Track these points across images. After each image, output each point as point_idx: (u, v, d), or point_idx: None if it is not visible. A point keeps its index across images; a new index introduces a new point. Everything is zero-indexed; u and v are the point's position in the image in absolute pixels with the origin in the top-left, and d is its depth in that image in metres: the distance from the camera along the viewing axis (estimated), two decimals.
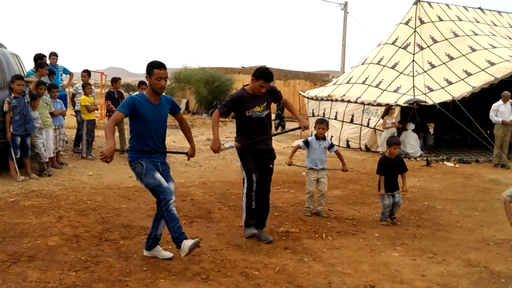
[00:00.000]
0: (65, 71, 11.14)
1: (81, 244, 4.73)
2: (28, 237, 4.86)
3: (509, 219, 5.04)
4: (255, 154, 4.88)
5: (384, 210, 5.89)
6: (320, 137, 6.11)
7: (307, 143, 6.18)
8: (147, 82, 4.18)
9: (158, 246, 4.38)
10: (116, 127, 10.45)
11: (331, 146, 6.27)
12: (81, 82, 10.51)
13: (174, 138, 13.50)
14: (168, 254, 4.37)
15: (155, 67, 4.03)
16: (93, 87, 10.85)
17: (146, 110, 4.05)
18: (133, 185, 7.48)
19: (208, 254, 4.62)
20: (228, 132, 16.88)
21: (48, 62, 9.88)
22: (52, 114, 8.29)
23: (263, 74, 4.69)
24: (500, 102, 11.16)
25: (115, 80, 11.24)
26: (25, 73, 8.87)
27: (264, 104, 4.88)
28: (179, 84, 25.33)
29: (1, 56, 7.84)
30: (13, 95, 7.26)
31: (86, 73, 10.58)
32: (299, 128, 5.22)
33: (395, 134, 11.97)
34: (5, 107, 7.18)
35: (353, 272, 4.35)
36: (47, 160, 7.95)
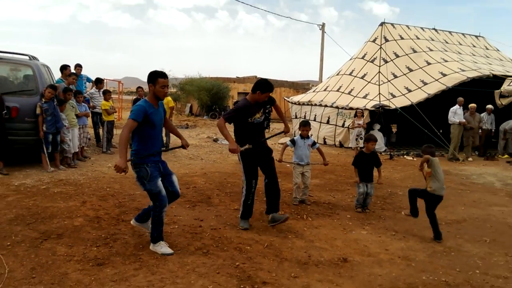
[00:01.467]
0: (88, 79, 11.08)
1: (102, 224, 4.72)
2: (57, 218, 4.83)
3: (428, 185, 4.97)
4: (257, 154, 4.72)
5: (359, 197, 5.78)
6: (305, 136, 6.09)
7: (293, 142, 6.13)
8: (148, 89, 3.91)
9: (149, 221, 4.13)
10: None
11: (314, 143, 6.23)
12: (94, 89, 10.40)
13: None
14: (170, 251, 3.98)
15: (159, 76, 3.80)
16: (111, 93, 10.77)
17: (154, 115, 3.84)
18: None
19: (208, 232, 4.62)
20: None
21: (73, 71, 9.81)
22: (77, 115, 8.23)
23: (267, 87, 4.60)
24: (457, 106, 11.24)
25: (139, 88, 11.27)
26: (55, 81, 8.79)
27: (261, 111, 4.80)
28: (184, 92, 25.34)
29: (35, 67, 7.76)
30: (43, 100, 7.20)
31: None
32: (282, 132, 5.13)
33: (363, 134, 12.04)
34: (38, 110, 7.11)
35: (329, 247, 4.37)
36: (72, 154, 7.88)
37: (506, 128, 12.34)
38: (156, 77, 3.80)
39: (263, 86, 4.60)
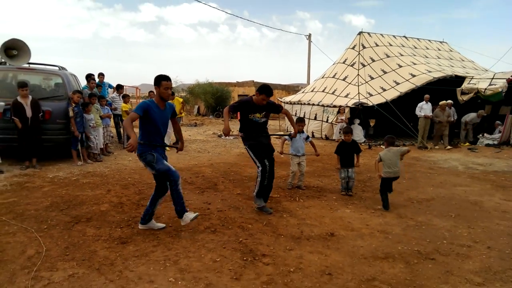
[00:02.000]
0: (110, 86, 11.02)
1: (124, 209, 4.70)
2: (86, 204, 4.81)
3: (377, 172, 5.22)
4: (258, 142, 4.61)
5: (342, 181, 5.72)
6: (300, 131, 5.97)
7: (290, 136, 6.09)
8: (154, 91, 3.83)
9: (152, 219, 4.02)
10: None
11: (307, 137, 6.18)
12: (115, 93, 10.32)
13: (189, 133, 13.40)
14: (162, 225, 4.03)
15: (163, 79, 3.70)
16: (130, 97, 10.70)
17: (155, 113, 3.70)
18: None
19: (215, 213, 4.61)
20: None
21: (97, 79, 9.76)
22: (101, 117, 8.19)
23: (266, 90, 4.45)
24: (423, 102, 11.26)
25: (151, 92, 11.19)
26: (81, 88, 8.74)
27: (263, 113, 4.61)
28: (193, 95, 25.31)
29: (63, 76, 7.71)
30: (73, 104, 7.17)
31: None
32: (290, 133, 5.07)
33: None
34: (71, 113, 7.09)
35: (318, 224, 4.37)
36: (97, 151, 7.84)
37: (466, 120, 12.36)
38: (160, 80, 3.71)
39: (261, 88, 4.49)
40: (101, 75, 10.25)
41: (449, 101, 12.03)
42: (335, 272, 3.16)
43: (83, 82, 9.52)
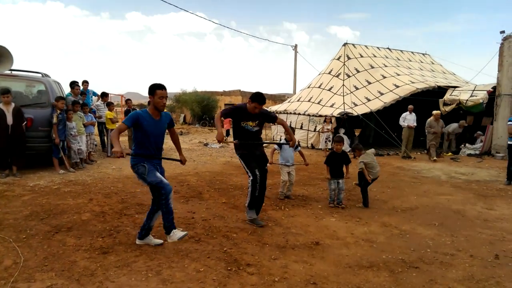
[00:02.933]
0: (94, 93, 10.86)
1: (106, 218, 4.60)
2: (67, 213, 4.69)
3: (367, 177, 5.48)
4: (255, 157, 4.43)
5: (331, 193, 5.51)
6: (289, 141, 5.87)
7: (280, 146, 6.02)
8: (151, 99, 3.61)
9: (149, 235, 3.82)
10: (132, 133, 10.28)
11: (296, 147, 5.97)
12: (99, 101, 10.18)
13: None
14: (159, 241, 3.80)
15: (157, 88, 3.55)
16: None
17: (148, 124, 3.53)
18: None
19: (200, 223, 4.56)
20: (215, 136, 16.78)
21: (81, 87, 9.64)
22: (84, 125, 8.06)
23: (257, 98, 4.27)
24: (407, 112, 11.46)
25: (128, 100, 11.13)
26: (65, 96, 8.61)
27: (256, 122, 4.41)
28: (179, 103, 25.21)
29: (47, 83, 7.59)
30: (58, 111, 7.05)
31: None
32: (288, 143, 4.74)
33: (331, 137, 12.13)
34: (54, 120, 6.97)
35: (304, 233, 4.36)
36: (78, 160, 7.67)
37: (449, 131, 12.62)
38: (155, 89, 3.55)
39: (253, 96, 4.31)
40: (85, 82, 10.12)
41: (436, 111, 12.27)
42: (319, 282, 3.14)
43: (67, 90, 9.40)
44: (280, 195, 5.93)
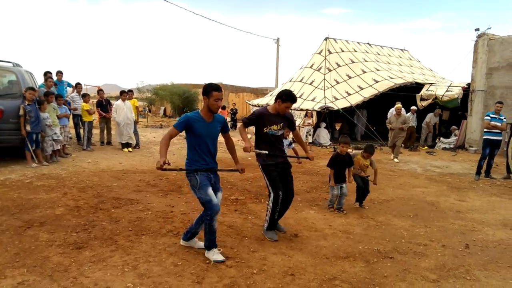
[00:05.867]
0: (69, 84, 10.53)
1: (81, 212, 4.50)
2: (40, 208, 4.56)
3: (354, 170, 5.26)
4: (277, 167, 3.93)
5: (332, 199, 5.12)
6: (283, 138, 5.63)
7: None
8: (205, 100, 3.32)
9: (195, 238, 3.64)
10: (105, 125, 10.02)
11: (290, 144, 5.96)
12: (74, 93, 9.89)
13: (154, 135, 13.11)
14: (203, 244, 3.52)
15: (214, 89, 3.27)
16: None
17: (200, 126, 3.30)
18: (122, 169, 7.20)
19: (179, 216, 4.53)
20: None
21: (55, 78, 9.35)
22: (58, 116, 7.82)
23: (290, 97, 3.82)
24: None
25: (100, 91, 10.80)
26: (37, 86, 8.32)
27: (281, 125, 3.94)
28: (158, 96, 24.79)
29: (18, 73, 7.32)
30: (26, 102, 6.80)
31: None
32: (307, 158, 4.19)
33: (312, 131, 12.25)
34: (21, 112, 6.72)
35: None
36: (51, 152, 7.43)
37: (427, 121, 12.89)
38: (211, 90, 3.27)
39: (284, 95, 3.82)
40: (59, 73, 9.82)
41: (413, 107, 12.56)
42: (297, 273, 3.19)
43: (40, 80, 9.09)
44: None
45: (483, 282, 3.17)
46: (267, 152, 3.85)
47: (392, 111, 11.55)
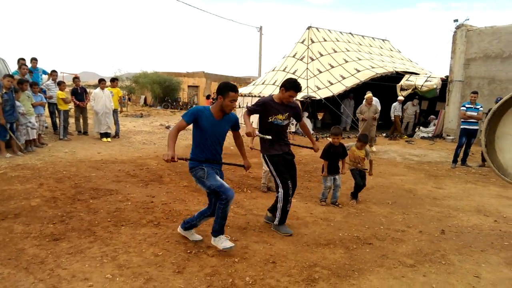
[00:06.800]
0: (44, 72, 10.20)
1: (58, 203, 4.39)
2: (14, 199, 4.43)
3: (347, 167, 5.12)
4: (282, 157, 3.87)
5: (325, 191, 4.98)
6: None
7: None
8: (220, 100, 3.19)
9: (192, 230, 3.56)
10: (81, 114, 9.74)
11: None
12: (50, 80, 9.55)
13: (134, 124, 12.88)
14: (198, 237, 3.54)
15: (230, 89, 3.15)
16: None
17: (207, 122, 3.20)
18: (101, 159, 7.05)
19: (159, 206, 4.48)
20: (177, 119, 16.41)
21: (29, 65, 9.01)
22: (33, 105, 7.56)
23: (294, 85, 3.72)
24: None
25: (76, 78, 10.41)
26: (11, 74, 8.01)
27: (286, 114, 3.86)
28: (138, 84, 24.27)
29: None
30: (4, 90, 6.55)
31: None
32: (312, 148, 4.16)
33: (294, 120, 12.28)
34: None
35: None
36: (24, 142, 7.20)
37: (406, 111, 13.19)
38: (228, 90, 3.16)
39: (288, 83, 3.74)
40: (34, 60, 9.48)
41: (400, 97, 12.74)
42: (279, 260, 3.22)
43: (14, 67, 8.76)
44: (263, 188, 5.54)
45: (457, 266, 3.28)
46: (270, 137, 3.77)
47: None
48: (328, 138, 12.16)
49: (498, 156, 1.73)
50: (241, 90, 16.49)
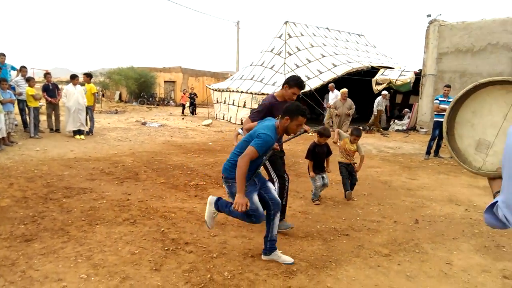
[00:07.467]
0: (13, 68, 9.80)
1: (29, 203, 4.24)
2: None
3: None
4: (278, 156, 3.80)
5: (316, 191, 4.83)
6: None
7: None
8: (286, 121, 2.97)
9: (277, 250, 3.18)
10: (53, 111, 9.43)
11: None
12: (19, 77, 9.18)
13: (109, 121, 12.59)
14: (289, 260, 3.12)
15: (301, 114, 2.96)
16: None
17: (270, 147, 3.02)
18: (74, 157, 6.86)
19: (136, 204, 4.40)
20: (153, 115, 16.15)
21: None
22: (1, 102, 7.25)
23: (298, 83, 3.64)
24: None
25: (47, 74, 9.99)
26: None
27: None
28: (112, 80, 23.64)
29: None
30: None
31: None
32: (305, 132, 3.97)
33: None
34: None
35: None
36: None
37: (380, 105, 13.46)
38: (298, 114, 2.95)
39: (292, 80, 3.65)
40: (2, 55, 9.10)
41: (385, 92, 12.97)
42: (257, 254, 3.24)
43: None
44: None
45: (430, 254, 3.40)
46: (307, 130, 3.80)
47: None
48: (310, 134, 12.26)
49: (457, 142, 1.78)
50: (219, 85, 16.40)
